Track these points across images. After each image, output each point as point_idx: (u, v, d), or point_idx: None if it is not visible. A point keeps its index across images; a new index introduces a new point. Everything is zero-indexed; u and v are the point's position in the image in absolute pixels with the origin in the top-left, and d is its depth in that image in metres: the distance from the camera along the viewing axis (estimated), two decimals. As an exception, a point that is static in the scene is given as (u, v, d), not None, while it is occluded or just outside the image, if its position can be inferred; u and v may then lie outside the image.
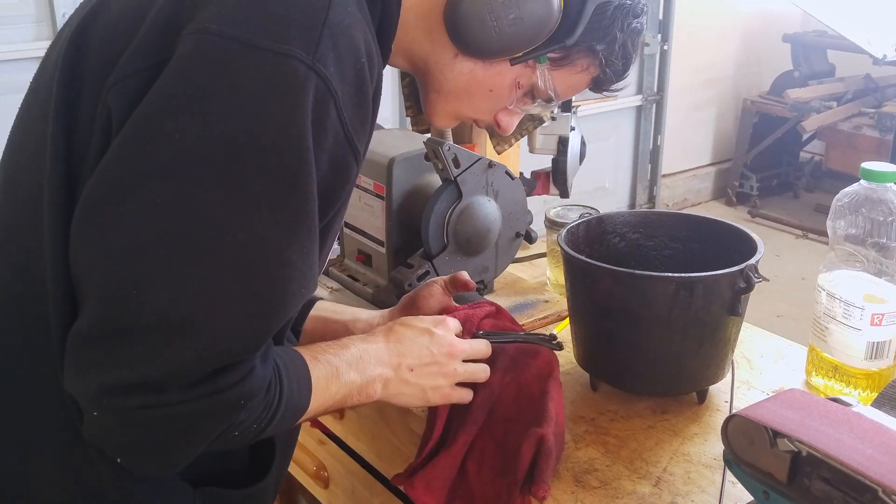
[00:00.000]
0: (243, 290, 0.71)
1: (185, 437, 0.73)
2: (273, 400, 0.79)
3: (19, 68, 2.58)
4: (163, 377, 0.69)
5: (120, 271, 0.69)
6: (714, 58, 4.86)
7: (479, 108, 0.95)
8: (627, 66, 0.94)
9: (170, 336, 0.68)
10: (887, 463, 0.70)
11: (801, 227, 4.50)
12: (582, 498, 0.94)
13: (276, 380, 0.79)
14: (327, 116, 0.72)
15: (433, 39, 0.90)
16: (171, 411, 0.70)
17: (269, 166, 0.70)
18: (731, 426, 0.81)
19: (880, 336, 1.06)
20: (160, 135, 0.69)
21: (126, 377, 0.69)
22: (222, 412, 0.73)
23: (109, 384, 0.69)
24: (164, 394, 0.69)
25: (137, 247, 0.68)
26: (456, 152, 1.23)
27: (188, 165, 0.68)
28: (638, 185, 4.59)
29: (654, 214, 1.24)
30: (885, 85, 4.61)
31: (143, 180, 0.69)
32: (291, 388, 0.82)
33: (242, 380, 0.73)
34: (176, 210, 0.68)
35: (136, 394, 0.69)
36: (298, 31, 0.71)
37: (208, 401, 0.71)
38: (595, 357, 1.13)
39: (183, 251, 0.69)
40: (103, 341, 0.69)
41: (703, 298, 1.02)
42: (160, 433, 0.72)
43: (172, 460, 0.75)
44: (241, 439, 0.78)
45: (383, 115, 3.52)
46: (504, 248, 1.35)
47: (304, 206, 0.72)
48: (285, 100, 0.70)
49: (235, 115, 0.69)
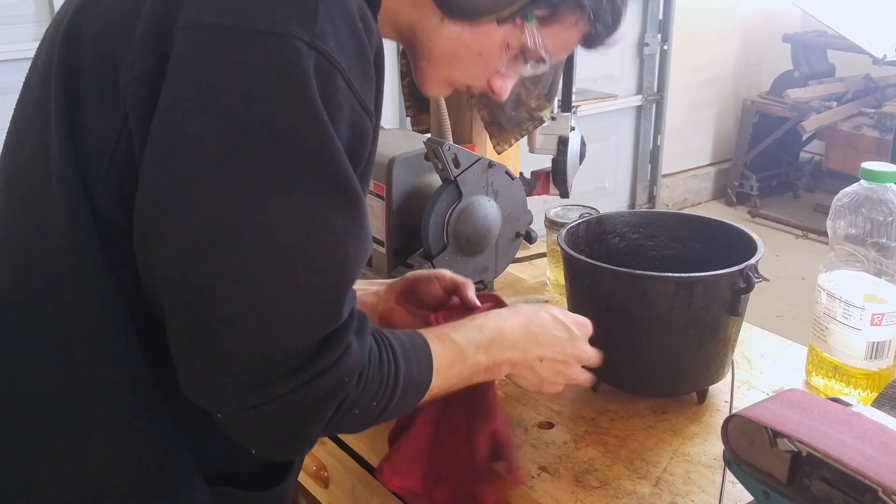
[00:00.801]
0: (305, 266, 0.72)
1: (303, 423, 0.74)
2: (388, 377, 0.80)
3: (19, 68, 2.56)
4: (263, 371, 0.71)
5: (188, 276, 0.70)
6: (714, 58, 4.86)
7: (470, 72, 0.95)
8: (618, 18, 0.93)
9: (250, 327, 0.70)
10: (887, 463, 0.70)
11: (801, 227, 4.50)
12: (582, 498, 0.94)
13: (391, 357, 0.81)
14: (338, 90, 0.73)
15: (418, 6, 0.89)
16: (283, 403, 0.71)
17: (295, 148, 0.70)
18: (731, 426, 0.81)
19: (880, 336, 1.06)
20: (185, 142, 0.69)
21: (231, 379, 0.70)
22: (330, 392, 0.74)
23: (220, 387, 0.71)
24: (272, 388, 0.71)
25: (198, 250, 0.70)
26: (456, 152, 1.23)
27: (219, 166, 0.69)
28: (638, 185, 4.59)
29: (654, 214, 1.24)
30: (885, 85, 4.61)
31: (183, 191, 0.70)
32: (410, 365, 0.83)
33: (340, 358, 0.73)
34: (219, 210, 0.69)
35: (247, 394, 0.71)
36: (293, 8, 0.71)
37: (314, 385, 0.72)
38: (595, 357, 1.13)
39: (238, 247, 0.70)
40: (194, 346, 0.72)
41: (703, 298, 1.02)
42: (280, 424, 0.74)
43: (299, 446, 0.78)
44: (364, 418, 0.79)
45: (383, 116, 3.51)
46: (504, 248, 1.35)
47: (338, 176, 0.73)
48: (294, 81, 0.70)
49: (251, 106, 0.69)
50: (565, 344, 0.97)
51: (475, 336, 0.91)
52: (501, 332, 0.93)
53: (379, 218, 1.31)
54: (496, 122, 1.39)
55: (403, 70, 1.52)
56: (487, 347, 0.91)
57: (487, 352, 0.91)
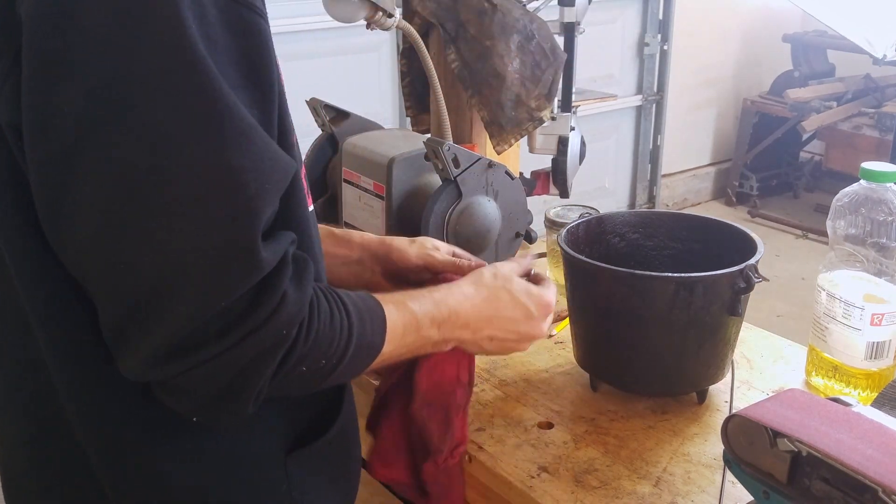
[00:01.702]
0: (205, 219, 0.67)
1: (242, 382, 0.71)
2: (340, 334, 0.77)
3: None
4: (189, 335, 0.67)
5: (91, 255, 0.68)
6: (714, 58, 4.86)
7: None
8: None
9: (167, 293, 0.67)
10: (887, 463, 0.70)
11: (801, 227, 4.50)
12: (582, 498, 0.94)
13: (343, 313, 0.78)
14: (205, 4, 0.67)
15: None
16: (214, 365, 0.68)
17: (164, 88, 0.65)
18: (731, 426, 0.81)
19: (880, 336, 1.06)
20: (53, 114, 0.65)
21: (156, 348, 0.68)
22: (268, 348, 0.70)
23: (145, 360, 0.68)
24: (200, 351, 0.68)
25: (94, 231, 0.67)
26: (456, 152, 1.23)
27: (89, 131, 0.65)
28: (638, 185, 4.59)
29: (654, 214, 1.24)
30: (885, 85, 4.60)
31: (60, 166, 0.66)
32: (364, 326, 0.80)
33: (276, 310, 0.70)
34: (103, 178, 0.66)
35: (173, 361, 0.68)
36: None
37: (248, 342, 0.69)
38: (595, 357, 1.13)
39: (130, 214, 0.66)
40: (120, 322, 0.69)
41: (703, 298, 1.02)
42: (216, 387, 0.70)
43: (240, 408, 0.73)
44: (313, 377, 0.76)
45: (384, 115, 3.53)
46: (504, 248, 1.35)
47: (223, 108, 0.67)
48: (153, 10, 0.64)
49: (103, 56, 0.65)
50: (520, 324, 0.97)
51: (431, 310, 0.89)
52: (457, 313, 0.92)
53: (379, 218, 1.31)
54: (496, 122, 1.39)
55: (403, 70, 1.52)
56: (441, 324, 0.90)
57: (440, 328, 0.90)
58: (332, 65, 3.26)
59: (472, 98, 1.40)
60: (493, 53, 1.36)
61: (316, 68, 3.16)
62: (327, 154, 1.43)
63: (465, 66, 1.39)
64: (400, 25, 1.30)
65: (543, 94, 1.39)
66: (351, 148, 1.34)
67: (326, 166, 1.45)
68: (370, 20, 1.27)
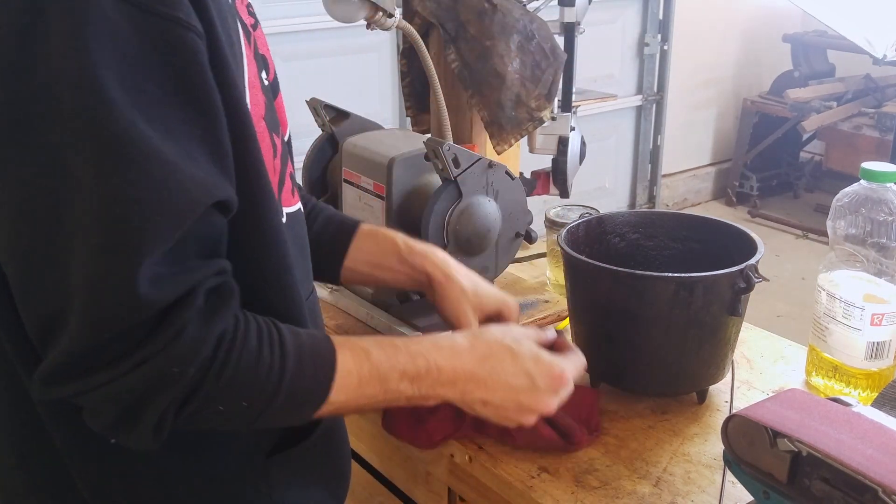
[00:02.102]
0: (84, 248, 0.65)
1: (137, 413, 0.69)
2: (269, 377, 0.73)
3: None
4: (80, 359, 0.67)
5: (7, 267, 0.69)
6: (714, 58, 4.86)
7: None
8: None
9: (60, 316, 0.67)
10: (887, 463, 0.70)
11: (801, 227, 4.50)
12: (582, 498, 0.94)
13: (277, 356, 0.74)
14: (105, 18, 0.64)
15: None
16: (107, 391, 0.68)
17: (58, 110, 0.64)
18: (731, 426, 0.81)
19: (880, 336, 1.06)
20: None
21: (51, 367, 0.68)
22: (159, 382, 0.68)
23: (44, 377, 0.69)
24: (92, 375, 0.67)
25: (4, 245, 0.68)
26: (456, 152, 1.22)
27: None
28: (638, 185, 4.59)
29: (654, 214, 1.24)
30: (885, 85, 4.60)
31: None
32: (303, 370, 0.76)
33: (167, 346, 0.67)
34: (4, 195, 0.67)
35: (68, 382, 0.68)
36: None
37: (137, 374, 0.67)
38: (595, 357, 1.13)
39: (28, 233, 0.67)
40: (33, 337, 0.70)
41: (703, 298, 1.02)
42: (113, 413, 0.70)
43: (141, 437, 0.71)
44: (237, 417, 0.74)
45: (384, 115, 3.53)
46: (504, 248, 1.35)
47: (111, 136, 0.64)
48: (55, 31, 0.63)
49: (3, 75, 0.64)
50: (520, 393, 0.87)
51: (402, 363, 0.82)
52: (439, 368, 0.84)
53: (379, 218, 1.31)
54: (496, 122, 1.39)
55: (403, 70, 1.52)
56: (415, 378, 0.83)
57: (415, 383, 0.83)
58: (332, 65, 3.26)
59: (472, 98, 1.40)
60: (493, 53, 1.36)
61: (316, 68, 3.16)
62: (327, 154, 1.43)
63: (465, 66, 1.39)
64: (400, 25, 1.30)
65: (543, 94, 1.39)
66: (351, 148, 1.34)
67: (326, 166, 1.45)
68: (370, 20, 1.27)
